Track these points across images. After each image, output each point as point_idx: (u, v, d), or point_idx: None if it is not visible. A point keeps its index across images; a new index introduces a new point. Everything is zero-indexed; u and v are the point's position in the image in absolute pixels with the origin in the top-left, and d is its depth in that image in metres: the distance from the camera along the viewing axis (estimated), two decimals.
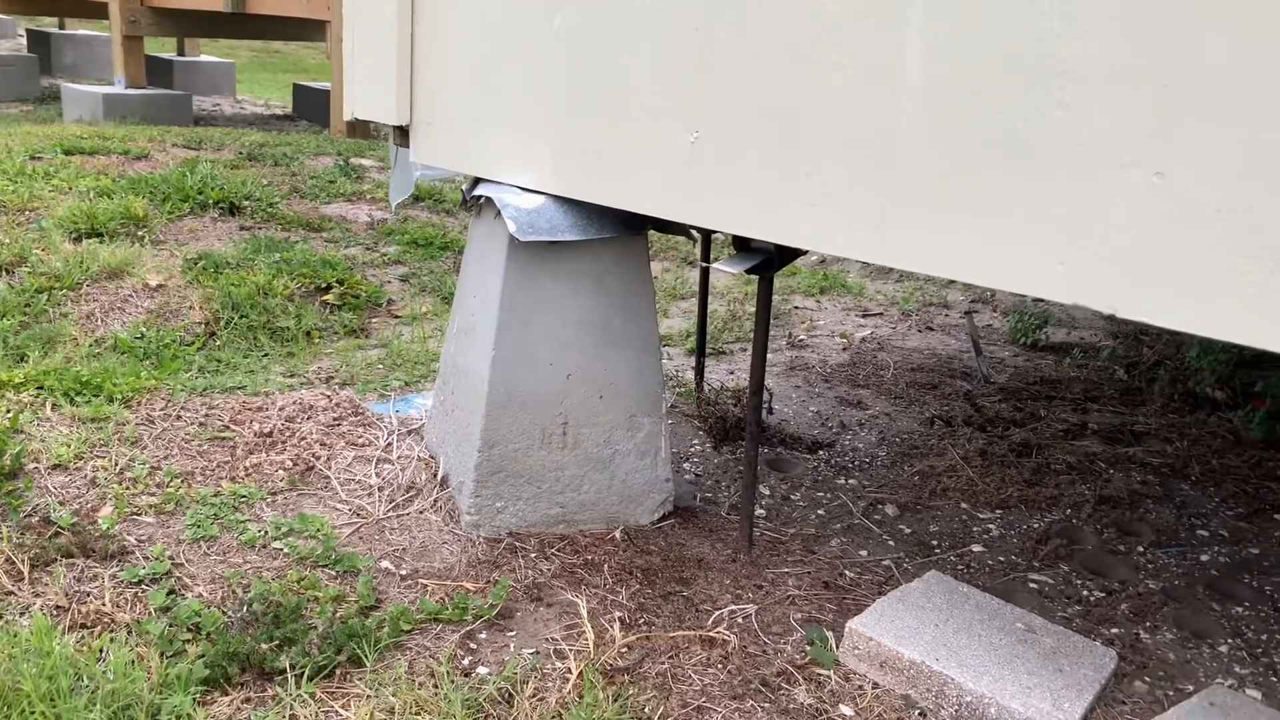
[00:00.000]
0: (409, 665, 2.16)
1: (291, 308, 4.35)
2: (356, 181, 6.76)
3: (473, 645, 2.28)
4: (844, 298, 5.77)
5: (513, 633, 2.34)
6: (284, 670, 2.05)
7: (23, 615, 2.20)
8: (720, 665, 2.25)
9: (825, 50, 1.94)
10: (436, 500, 2.85)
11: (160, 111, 9.41)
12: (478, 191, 2.75)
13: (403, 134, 2.93)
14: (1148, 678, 2.33)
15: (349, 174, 6.87)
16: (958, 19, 1.75)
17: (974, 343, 4.75)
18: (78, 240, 4.76)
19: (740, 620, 2.44)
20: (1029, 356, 4.84)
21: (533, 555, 2.66)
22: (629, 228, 2.67)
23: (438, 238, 5.72)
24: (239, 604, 2.26)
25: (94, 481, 2.78)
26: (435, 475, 2.93)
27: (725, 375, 4.22)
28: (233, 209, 5.59)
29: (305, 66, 17.07)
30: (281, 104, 12.46)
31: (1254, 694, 2.31)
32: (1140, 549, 2.96)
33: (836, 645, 2.33)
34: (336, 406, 3.29)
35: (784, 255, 2.47)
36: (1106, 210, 1.62)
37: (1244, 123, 1.47)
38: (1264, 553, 2.99)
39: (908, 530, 3.00)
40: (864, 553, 2.84)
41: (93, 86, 10.11)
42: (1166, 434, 3.84)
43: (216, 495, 2.77)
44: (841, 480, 3.31)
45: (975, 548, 2.92)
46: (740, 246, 2.57)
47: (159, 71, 11.73)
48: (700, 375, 3.96)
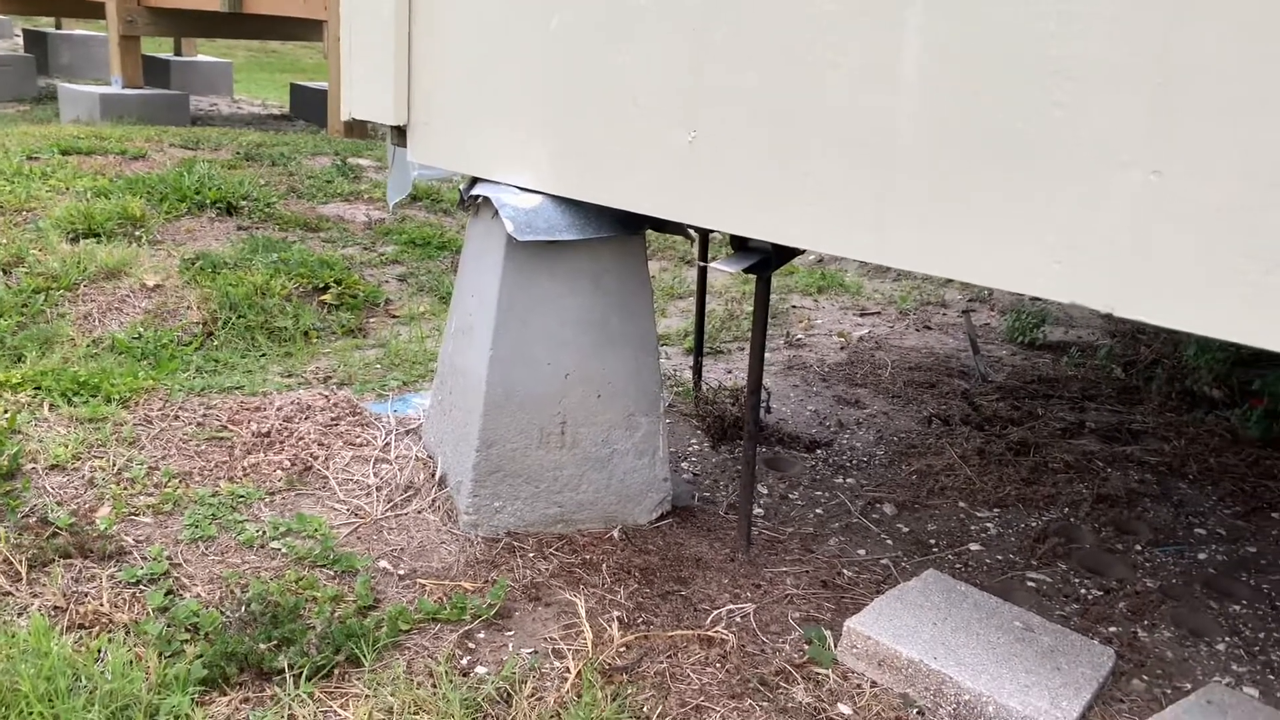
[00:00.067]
0: (407, 665, 2.16)
1: (289, 308, 4.35)
2: (354, 181, 6.76)
3: (471, 645, 2.28)
4: (842, 297, 5.77)
5: (511, 632, 2.34)
6: (282, 670, 2.05)
7: (20, 616, 2.20)
8: (719, 664, 2.25)
9: (821, 50, 1.94)
10: (435, 500, 2.85)
11: (157, 111, 9.40)
12: (475, 191, 2.75)
13: (400, 134, 2.93)
14: (1145, 676, 2.33)
15: (346, 174, 6.86)
16: (955, 19, 1.75)
17: (972, 341, 4.75)
18: (75, 240, 4.76)
19: (738, 619, 2.44)
20: (1026, 355, 4.84)
21: (531, 555, 2.66)
22: (626, 227, 2.67)
23: (435, 237, 5.72)
24: (237, 604, 2.26)
25: (92, 482, 2.78)
26: (433, 475, 2.92)
27: (723, 374, 4.22)
28: (230, 209, 5.58)
29: (303, 66, 17.06)
30: (279, 104, 12.46)
31: (1251, 692, 2.31)
32: (1138, 547, 2.96)
33: (835, 644, 2.33)
34: (334, 406, 3.29)
35: (781, 254, 2.47)
36: (1104, 209, 1.62)
37: (1242, 122, 1.47)
38: (1261, 551, 2.99)
39: (905, 529, 3.00)
40: (862, 552, 2.85)
41: (90, 86, 10.11)
42: (1164, 432, 3.84)
43: (214, 495, 2.77)
44: (839, 479, 3.31)
45: (973, 546, 2.92)
46: (738, 246, 2.57)
47: (156, 71, 11.73)
48: (698, 374, 3.96)
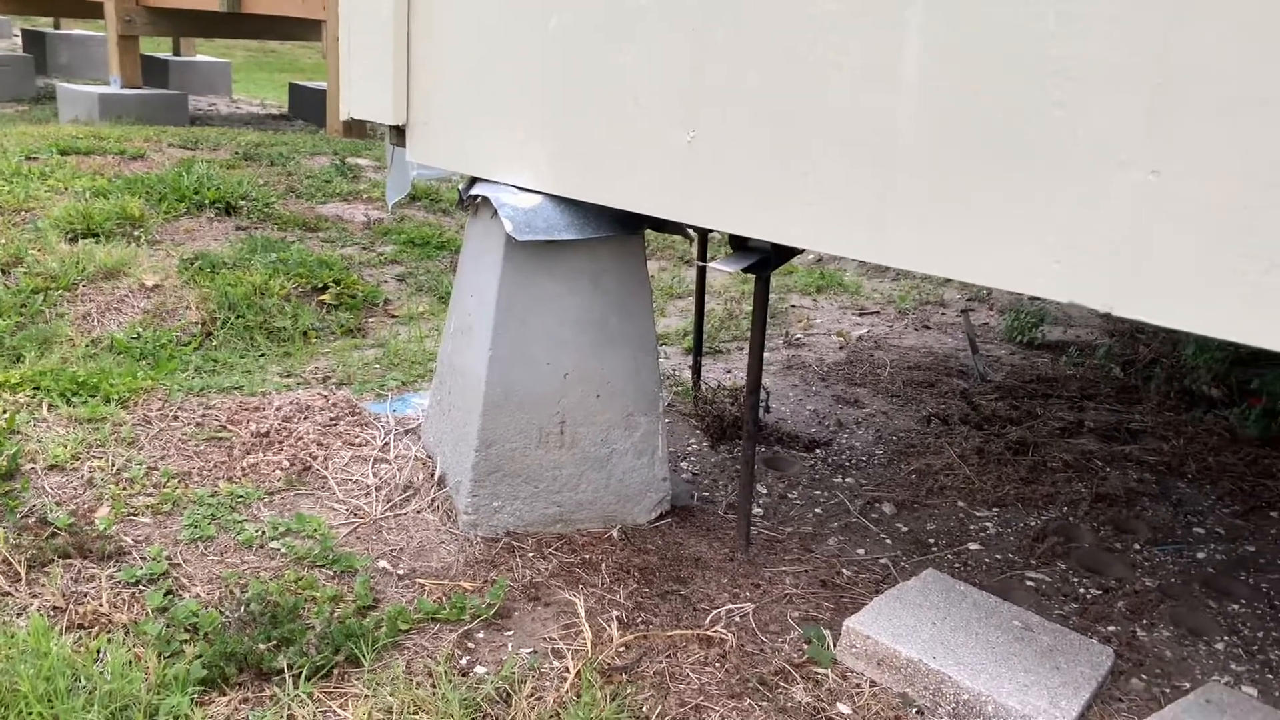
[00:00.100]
0: (407, 665, 2.16)
1: (288, 308, 4.35)
2: (353, 181, 6.75)
3: (470, 645, 2.28)
4: (841, 296, 5.77)
5: (510, 632, 2.34)
6: (281, 670, 2.05)
7: (20, 616, 2.20)
8: (718, 664, 2.25)
9: (822, 50, 1.94)
10: (434, 500, 2.85)
11: (156, 111, 9.39)
12: (474, 191, 2.75)
13: (399, 134, 2.93)
14: (1144, 675, 2.34)
15: (345, 174, 6.86)
16: (955, 19, 1.75)
17: (970, 341, 4.76)
18: (74, 240, 4.76)
19: (738, 619, 2.44)
20: (1025, 355, 4.84)
21: (530, 555, 2.66)
22: (626, 227, 2.67)
23: (434, 237, 5.72)
24: (236, 604, 2.26)
25: (91, 482, 2.78)
26: (432, 475, 2.92)
27: (722, 374, 4.22)
28: (229, 209, 5.58)
29: (301, 66, 17.05)
30: (277, 104, 12.45)
31: (1250, 691, 2.31)
32: (1137, 547, 2.96)
33: (834, 644, 2.33)
34: (333, 406, 3.29)
35: (781, 254, 2.47)
36: (1104, 209, 1.62)
37: (1241, 122, 1.47)
38: (1260, 550, 2.99)
39: (905, 529, 3.00)
40: (861, 551, 2.85)
41: (88, 86, 10.09)
42: (1163, 432, 3.85)
43: (213, 495, 2.77)
44: (838, 479, 3.31)
45: (972, 546, 2.93)
46: (737, 245, 2.57)
47: (154, 71, 11.71)
48: (697, 374, 3.96)
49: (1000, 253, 1.77)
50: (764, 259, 2.48)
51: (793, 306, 5.49)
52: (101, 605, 2.25)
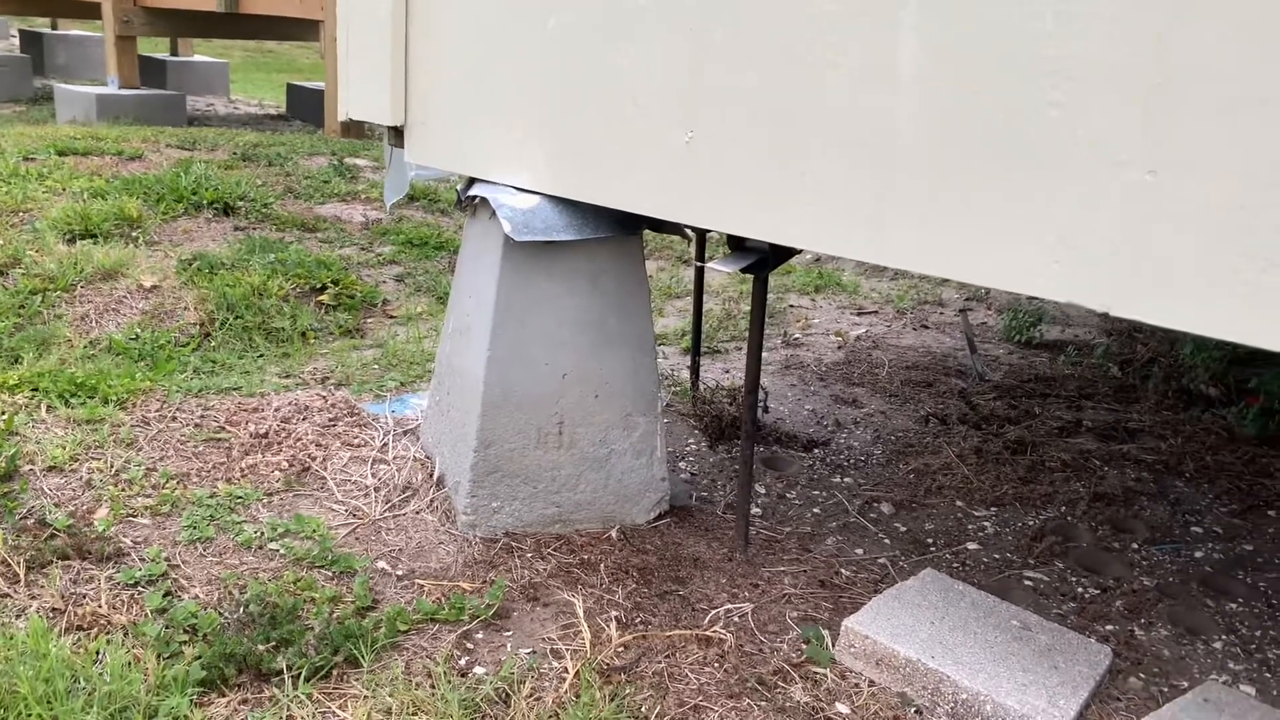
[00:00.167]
0: (406, 666, 2.16)
1: (286, 308, 4.35)
2: (351, 182, 6.75)
3: (469, 645, 2.28)
4: (839, 296, 5.77)
5: (509, 633, 2.34)
6: (281, 671, 2.05)
7: (19, 617, 2.20)
8: (717, 664, 2.25)
9: (820, 50, 1.94)
10: (433, 500, 2.85)
11: (154, 112, 9.39)
12: (473, 192, 2.75)
13: (397, 134, 2.93)
14: (1142, 674, 2.34)
15: (343, 174, 6.86)
16: (952, 18, 1.76)
17: (969, 341, 4.76)
18: (72, 241, 4.75)
19: (736, 619, 2.44)
20: (1023, 354, 4.85)
21: (529, 555, 2.66)
22: (624, 227, 2.67)
23: (433, 238, 5.72)
24: (235, 605, 2.26)
25: (89, 483, 2.78)
26: (431, 475, 2.92)
27: (721, 374, 4.22)
28: (227, 209, 5.57)
29: (299, 66, 17.04)
30: (275, 104, 12.44)
31: (1248, 690, 2.31)
32: (1135, 546, 2.97)
33: (833, 643, 2.33)
34: (332, 407, 3.29)
35: (779, 254, 2.47)
36: (1102, 209, 1.63)
37: (1240, 122, 1.47)
38: (1258, 549, 3.00)
39: (903, 528, 3.00)
40: (860, 551, 2.85)
41: (86, 87, 10.09)
42: (1161, 431, 3.85)
43: (212, 496, 2.77)
44: (837, 479, 3.31)
45: (970, 545, 2.93)
46: (735, 246, 2.57)
47: (152, 72, 11.71)
48: (695, 374, 3.96)
49: (999, 253, 1.77)
50: (762, 259, 2.48)
51: (791, 306, 5.49)
52: (100, 606, 2.25)
